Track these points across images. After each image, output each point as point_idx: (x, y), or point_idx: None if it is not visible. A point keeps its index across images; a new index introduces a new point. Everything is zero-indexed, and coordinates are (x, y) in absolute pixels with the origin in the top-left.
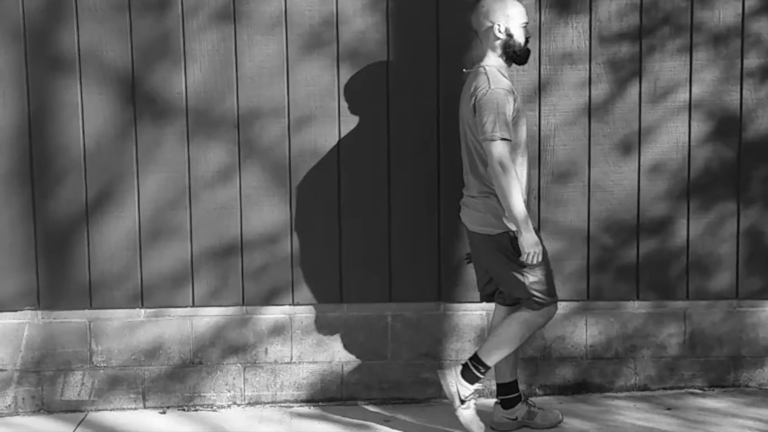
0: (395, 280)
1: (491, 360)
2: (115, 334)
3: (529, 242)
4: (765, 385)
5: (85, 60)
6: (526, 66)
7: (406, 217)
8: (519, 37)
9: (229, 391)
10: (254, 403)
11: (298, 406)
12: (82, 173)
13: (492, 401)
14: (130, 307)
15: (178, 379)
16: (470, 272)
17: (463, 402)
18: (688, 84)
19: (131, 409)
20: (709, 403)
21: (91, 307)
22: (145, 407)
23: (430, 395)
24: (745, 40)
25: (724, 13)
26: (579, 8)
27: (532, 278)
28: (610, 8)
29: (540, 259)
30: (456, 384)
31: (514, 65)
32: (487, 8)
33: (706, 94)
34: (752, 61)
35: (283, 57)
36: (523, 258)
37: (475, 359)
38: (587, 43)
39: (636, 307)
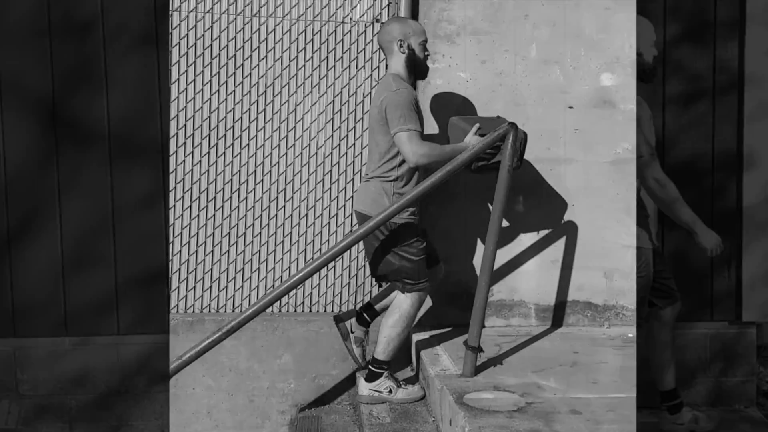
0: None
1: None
2: (40, 362)
3: (711, 240)
4: None
5: (5, 86)
6: None
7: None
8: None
9: (157, 419)
10: None
11: None
12: (3, 200)
13: None
14: (55, 336)
15: (105, 408)
16: None
17: None
18: None
19: None
20: None
21: (15, 336)
22: None
23: None
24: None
25: None
26: None
27: None
28: None
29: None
30: None
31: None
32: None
33: None
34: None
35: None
36: (709, 254)
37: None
38: None
39: None
